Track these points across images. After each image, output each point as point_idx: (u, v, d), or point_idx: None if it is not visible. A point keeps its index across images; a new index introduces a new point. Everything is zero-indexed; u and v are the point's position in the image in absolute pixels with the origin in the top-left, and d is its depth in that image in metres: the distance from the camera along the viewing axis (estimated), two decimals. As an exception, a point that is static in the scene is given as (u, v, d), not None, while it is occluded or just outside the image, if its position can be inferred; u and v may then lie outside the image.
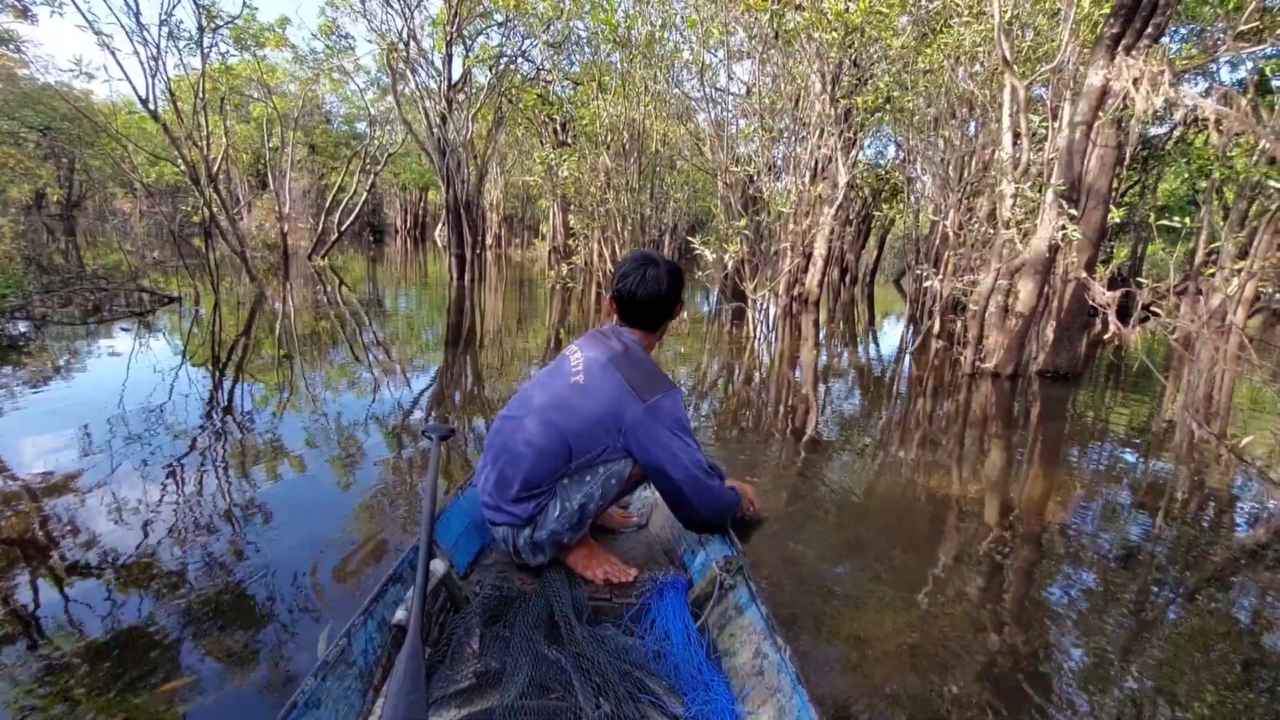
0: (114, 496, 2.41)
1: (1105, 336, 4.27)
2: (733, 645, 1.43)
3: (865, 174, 8.16)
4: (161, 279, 8.64)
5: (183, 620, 1.71)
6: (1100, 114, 4.81)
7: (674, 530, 1.97)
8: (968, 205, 6.33)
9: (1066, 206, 4.71)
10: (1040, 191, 5.03)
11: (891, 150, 14.92)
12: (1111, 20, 4.62)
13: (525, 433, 1.62)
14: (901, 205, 8.70)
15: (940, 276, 5.77)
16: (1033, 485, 3.17)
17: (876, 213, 12.54)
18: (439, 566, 1.44)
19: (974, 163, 6.60)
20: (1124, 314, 10.22)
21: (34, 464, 2.67)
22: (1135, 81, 3.85)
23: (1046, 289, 5.27)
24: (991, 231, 5.97)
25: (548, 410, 1.62)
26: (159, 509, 2.33)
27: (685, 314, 8.59)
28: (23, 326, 5.02)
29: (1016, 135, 5.14)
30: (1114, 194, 5.35)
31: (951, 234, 6.67)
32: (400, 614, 1.28)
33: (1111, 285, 5.09)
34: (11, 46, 8.59)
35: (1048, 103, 5.29)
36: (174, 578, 1.91)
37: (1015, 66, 4.79)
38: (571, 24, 10.57)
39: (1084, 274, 4.66)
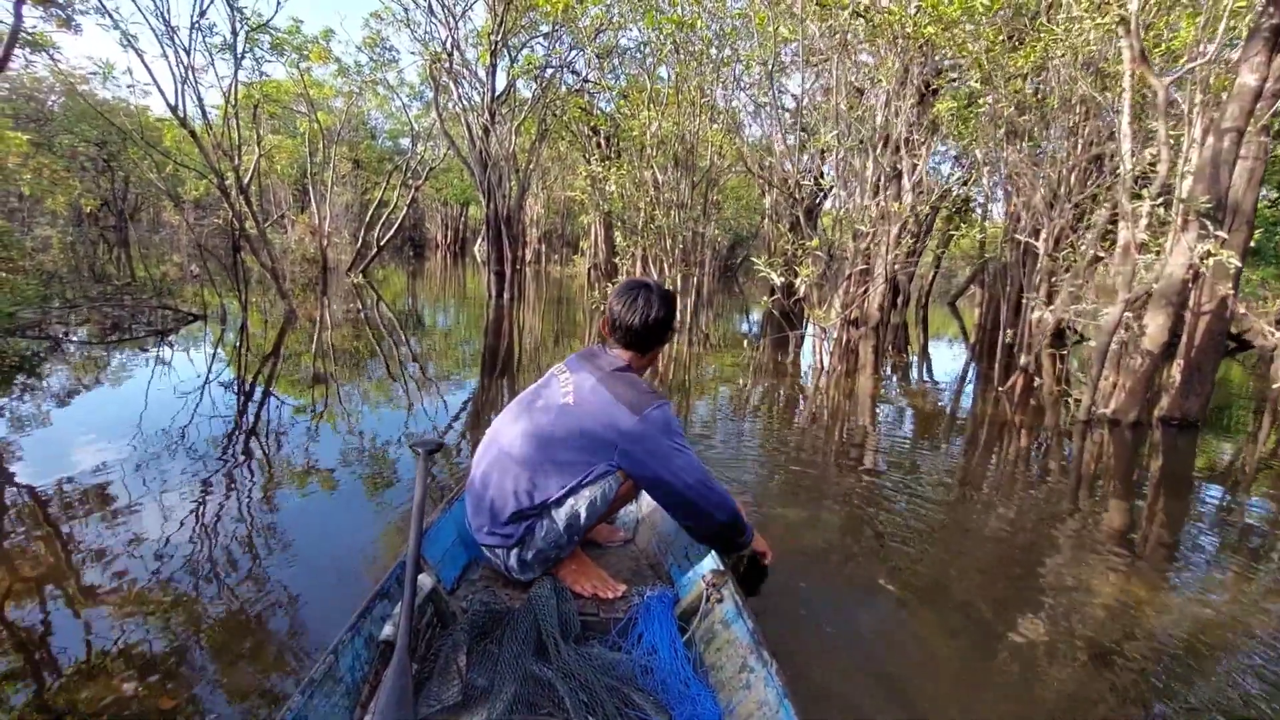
0: (118, 524, 2.32)
1: (1276, 386, 3.49)
2: (719, 659, 1.43)
3: (935, 189, 7.48)
4: (206, 291, 8.42)
5: (190, 638, 1.71)
6: (1252, 120, 4.07)
7: (661, 545, 1.98)
8: (1072, 224, 5.59)
9: (1212, 227, 3.97)
10: (1171, 209, 4.29)
11: (945, 167, 14.12)
12: (1271, 10, 3.90)
13: (513, 460, 1.63)
14: (973, 222, 7.93)
15: (1051, 306, 5.03)
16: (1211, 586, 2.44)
17: (953, 231, 11.73)
18: (426, 582, 1.43)
19: (1071, 176, 5.86)
20: (1244, 346, 9.17)
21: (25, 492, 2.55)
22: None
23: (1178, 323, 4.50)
24: (1102, 254, 5.21)
25: (536, 437, 1.63)
26: (171, 535, 2.27)
27: (746, 343, 7.98)
28: (36, 346, 4.70)
29: (1145, 143, 4.42)
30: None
31: (1045, 257, 5.92)
32: (387, 630, 1.27)
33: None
34: (46, 53, 8.61)
35: (1183, 106, 4.55)
36: (185, 599, 1.89)
37: (1151, 63, 4.09)
38: (618, 34, 10.17)
39: (1241, 309, 3.90)
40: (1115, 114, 4.68)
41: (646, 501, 2.17)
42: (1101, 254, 5.23)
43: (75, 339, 5.07)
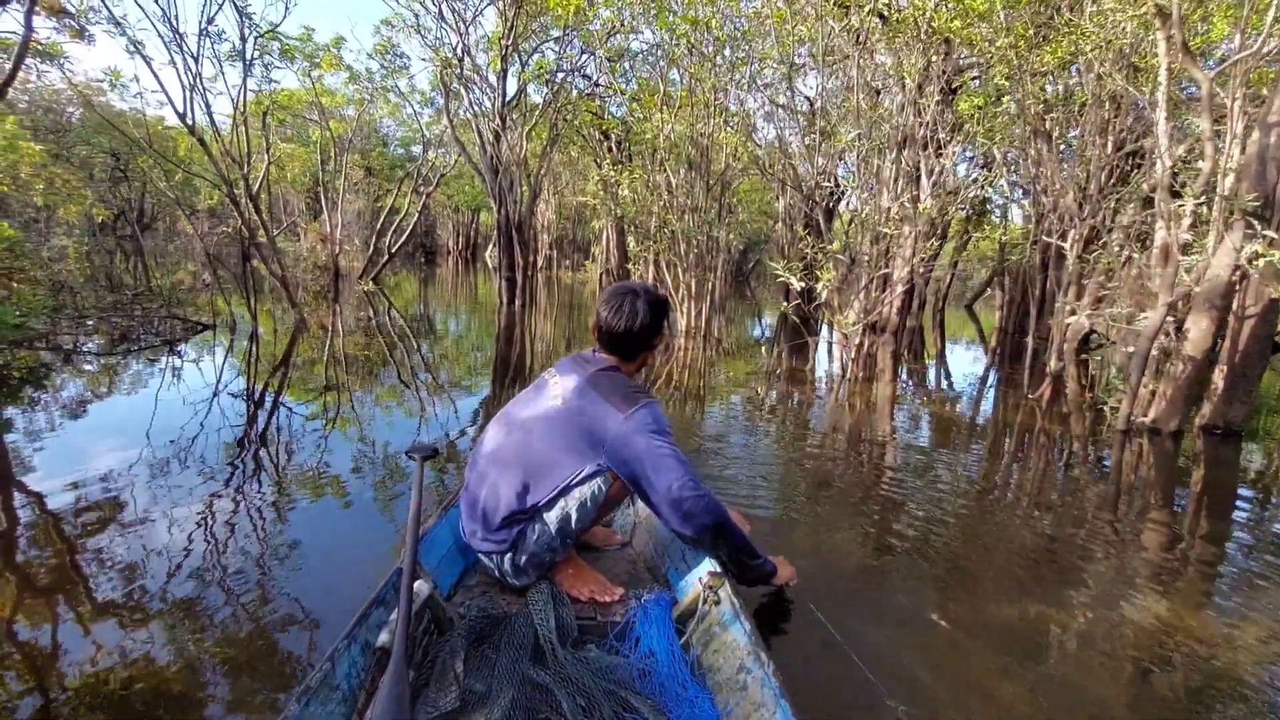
0: (122, 535, 2.29)
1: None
2: (717, 661, 1.43)
3: (957, 190, 7.31)
4: (218, 300, 8.39)
5: (191, 646, 1.70)
6: (1299, 112, 3.88)
7: (658, 548, 1.96)
8: (1104, 224, 5.39)
9: (1259, 226, 3.78)
10: (1213, 207, 4.09)
11: (963, 168, 13.89)
12: (1320, -4, 3.71)
13: (504, 464, 1.62)
14: (992, 224, 7.74)
15: (1086, 310, 4.84)
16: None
17: (972, 232, 11.52)
18: (423, 588, 1.41)
19: (1102, 174, 5.66)
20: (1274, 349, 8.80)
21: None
22: None
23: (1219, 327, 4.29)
24: (1135, 255, 5.02)
25: (527, 440, 1.62)
26: (174, 544, 2.25)
27: (764, 349, 7.82)
28: (45, 356, 4.63)
29: (1180, 140, 4.23)
30: None
31: (1073, 259, 5.73)
32: (384, 637, 1.27)
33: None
34: (58, 63, 8.65)
35: (1224, 100, 4.36)
36: (188, 606, 1.88)
37: (1193, 57, 3.90)
38: (629, 38, 10.08)
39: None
40: (1150, 109, 4.49)
41: (643, 505, 2.14)
42: (1135, 254, 5.04)
43: (85, 349, 5.01)
